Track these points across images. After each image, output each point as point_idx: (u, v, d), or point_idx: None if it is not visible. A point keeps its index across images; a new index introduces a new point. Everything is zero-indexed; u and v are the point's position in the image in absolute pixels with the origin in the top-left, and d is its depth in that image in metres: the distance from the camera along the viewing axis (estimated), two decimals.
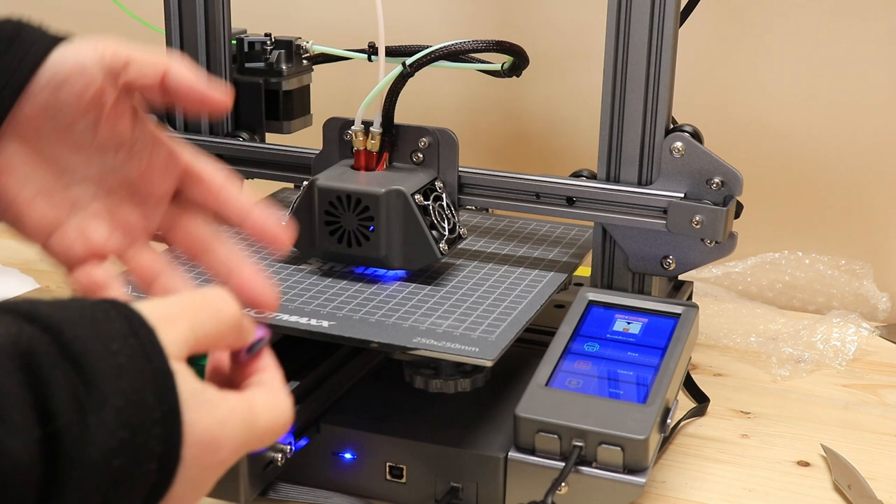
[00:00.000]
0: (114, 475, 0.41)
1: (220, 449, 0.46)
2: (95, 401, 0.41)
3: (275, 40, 0.95)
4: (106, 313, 0.44)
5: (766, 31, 1.08)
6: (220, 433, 0.46)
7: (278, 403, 0.50)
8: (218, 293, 0.50)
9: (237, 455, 0.47)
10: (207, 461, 0.45)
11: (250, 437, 0.48)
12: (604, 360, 0.74)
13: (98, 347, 0.42)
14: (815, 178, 1.10)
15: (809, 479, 0.78)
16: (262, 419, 0.48)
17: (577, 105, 1.15)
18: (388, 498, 0.73)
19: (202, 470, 0.45)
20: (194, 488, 0.45)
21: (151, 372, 0.44)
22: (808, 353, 0.97)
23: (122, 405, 0.42)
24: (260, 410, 0.49)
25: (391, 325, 0.72)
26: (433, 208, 0.80)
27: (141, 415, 0.42)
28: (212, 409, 0.46)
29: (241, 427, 0.47)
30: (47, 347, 0.41)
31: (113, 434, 0.41)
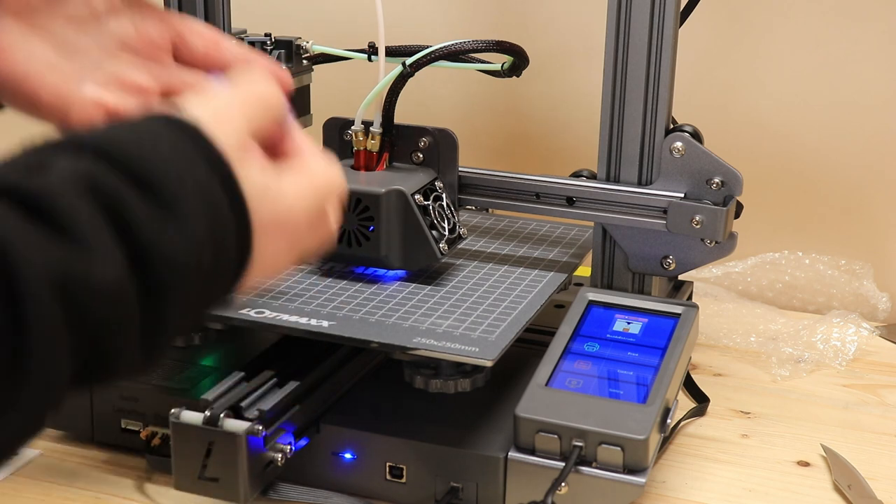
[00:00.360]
0: (204, 271, 0.43)
1: (290, 229, 0.49)
2: (170, 211, 0.42)
3: (275, 40, 0.94)
4: (152, 124, 0.45)
5: (766, 31, 1.08)
6: (289, 215, 0.48)
7: (329, 163, 0.53)
8: (266, 85, 0.51)
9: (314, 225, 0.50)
10: (282, 237, 0.48)
11: (317, 202, 0.50)
12: (604, 360, 0.74)
13: (156, 159, 0.43)
14: (815, 178, 1.10)
15: (809, 479, 0.78)
16: (323, 182, 0.51)
17: (577, 105, 1.15)
18: (388, 498, 0.73)
19: (278, 246, 0.48)
20: (276, 262, 0.49)
21: (213, 169, 0.45)
22: (808, 353, 0.97)
23: (195, 207, 0.43)
24: (317, 173, 0.51)
25: (391, 325, 0.72)
26: (433, 208, 0.80)
27: (213, 207, 0.44)
28: (277, 193, 0.48)
29: (304, 198, 0.50)
30: (108, 170, 0.42)
31: (194, 235, 0.43)
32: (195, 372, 0.79)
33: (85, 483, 0.76)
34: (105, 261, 0.40)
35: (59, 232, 0.39)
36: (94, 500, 0.74)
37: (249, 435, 0.66)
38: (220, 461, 0.66)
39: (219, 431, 0.66)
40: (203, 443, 0.66)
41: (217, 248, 0.44)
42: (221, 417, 0.66)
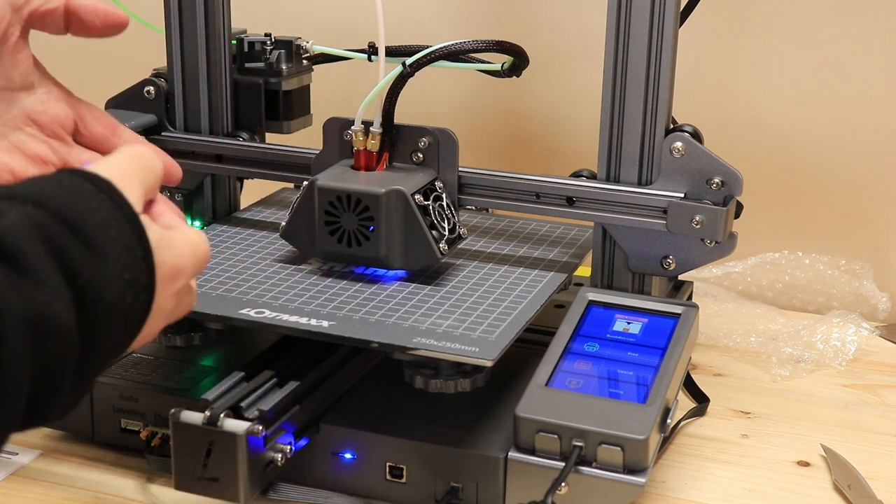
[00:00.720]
0: (126, 310, 0.49)
1: (180, 276, 0.54)
2: (99, 255, 0.47)
3: (275, 40, 0.94)
4: (71, 180, 0.49)
5: (766, 31, 1.08)
6: (180, 264, 0.53)
7: (201, 236, 0.57)
8: (148, 150, 0.56)
9: (191, 278, 0.55)
10: (172, 288, 0.53)
11: (195, 263, 0.55)
12: (604, 360, 0.74)
13: (83, 210, 0.48)
14: (815, 178, 1.10)
15: (809, 479, 0.78)
16: (198, 248, 0.56)
17: (577, 105, 1.15)
18: (388, 498, 0.73)
19: (169, 296, 0.53)
20: (164, 314, 0.54)
21: (127, 220, 0.50)
22: (808, 353, 0.97)
23: (118, 252, 0.48)
24: (195, 240, 0.56)
25: (391, 325, 0.72)
26: (433, 208, 0.80)
27: (131, 255, 0.49)
28: (171, 247, 0.53)
29: (190, 257, 0.55)
30: (49, 218, 0.46)
31: (120, 276, 0.48)
32: (195, 372, 0.79)
33: (85, 483, 0.76)
34: (59, 298, 0.45)
35: (23, 272, 0.44)
36: (94, 500, 0.74)
37: (249, 435, 0.66)
38: (220, 461, 0.66)
39: (219, 431, 0.66)
40: (203, 443, 0.66)
41: (135, 288, 0.49)
42: (221, 417, 0.66)
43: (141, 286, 0.50)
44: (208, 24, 0.91)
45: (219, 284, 0.79)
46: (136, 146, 0.57)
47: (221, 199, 0.96)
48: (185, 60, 0.92)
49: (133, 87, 0.93)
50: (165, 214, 0.57)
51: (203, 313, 0.74)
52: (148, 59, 0.96)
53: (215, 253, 0.85)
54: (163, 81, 0.93)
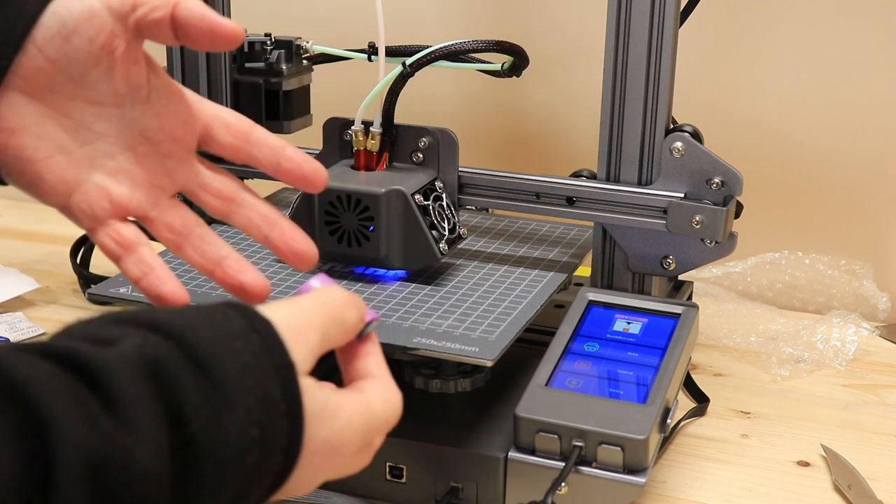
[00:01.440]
0: (247, 471, 0.43)
1: (336, 454, 0.48)
2: (225, 401, 0.42)
3: (275, 40, 0.94)
4: (225, 314, 0.44)
5: (766, 31, 1.08)
6: (339, 442, 0.48)
7: (391, 396, 0.52)
8: (346, 298, 0.51)
9: (358, 454, 0.50)
10: (322, 465, 0.47)
11: (367, 435, 0.50)
12: (604, 360, 0.74)
13: (221, 349, 0.43)
14: (815, 178, 1.10)
15: (809, 479, 0.78)
16: (378, 417, 0.51)
17: (577, 105, 1.15)
18: (388, 498, 0.73)
19: (315, 471, 0.47)
20: (307, 484, 0.47)
21: (275, 366, 0.44)
22: (808, 353, 0.97)
23: (251, 403, 0.42)
24: (375, 406, 0.51)
25: (391, 325, 0.72)
26: (433, 208, 0.80)
27: (269, 410, 0.43)
28: (332, 421, 0.47)
29: (356, 432, 0.49)
30: (173, 353, 0.42)
31: (245, 433, 0.42)
32: None
33: None
34: (149, 445, 0.39)
35: (109, 410, 0.39)
36: None
37: None
38: None
39: None
40: None
41: (263, 449, 0.43)
42: None
43: (274, 447, 0.43)
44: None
45: None
46: (330, 290, 0.51)
47: None
48: (185, 60, 0.92)
49: None
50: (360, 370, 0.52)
51: None
52: None
53: None
54: None
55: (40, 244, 1.20)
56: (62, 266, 1.10)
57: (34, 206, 0.66)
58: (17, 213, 1.29)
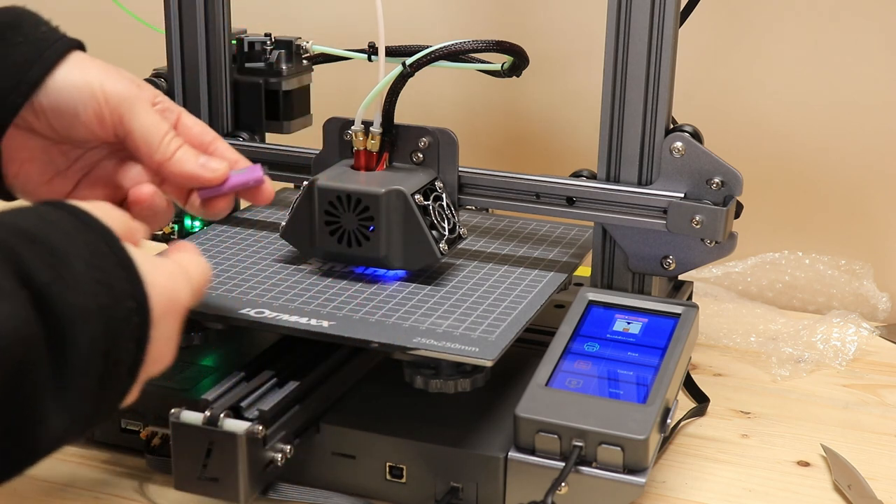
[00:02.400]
0: (104, 317, 0.47)
1: (179, 298, 0.53)
2: (61, 258, 0.47)
3: (275, 40, 0.95)
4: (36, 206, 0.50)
5: (766, 30, 1.08)
6: (175, 286, 0.53)
7: (199, 260, 0.58)
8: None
9: (188, 305, 0.55)
10: (173, 312, 0.52)
11: (192, 288, 0.55)
12: (604, 360, 0.74)
13: (41, 222, 0.48)
14: (816, 178, 1.10)
15: (809, 479, 0.78)
16: (194, 272, 0.56)
17: (577, 105, 1.15)
18: (388, 498, 0.73)
19: (171, 322, 0.52)
20: (168, 342, 0.52)
21: (95, 231, 0.50)
22: (808, 353, 0.97)
23: (85, 256, 0.48)
24: (189, 266, 0.56)
25: (391, 325, 0.72)
26: (433, 208, 0.80)
27: (102, 261, 0.48)
28: (163, 267, 0.53)
29: (184, 280, 0.54)
30: (7, 234, 0.47)
31: (90, 277, 0.47)
32: (195, 372, 0.79)
33: (85, 483, 0.76)
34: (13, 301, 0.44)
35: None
36: (94, 500, 0.74)
37: (249, 435, 0.66)
38: (220, 461, 0.66)
39: (219, 431, 0.66)
40: (203, 443, 0.66)
41: (111, 292, 0.48)
42: (221, 417, 0.66)
43: (121, 292, 0.48)
44: (208, 24, 0.91)
45: (219, 284, 0.79)
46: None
47: None
48: (185, 60, 0.92)
49: None
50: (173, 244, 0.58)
51: (203, 313, 0.74)
52: (148, 59, 0.96)
53: (215, 253, 0.85)
54: (163, 81, 0.93)
55: None
56: None
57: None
58: None
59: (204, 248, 0.86)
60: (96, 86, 0.64)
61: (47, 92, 0.63)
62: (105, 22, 1.07)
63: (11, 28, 0.63)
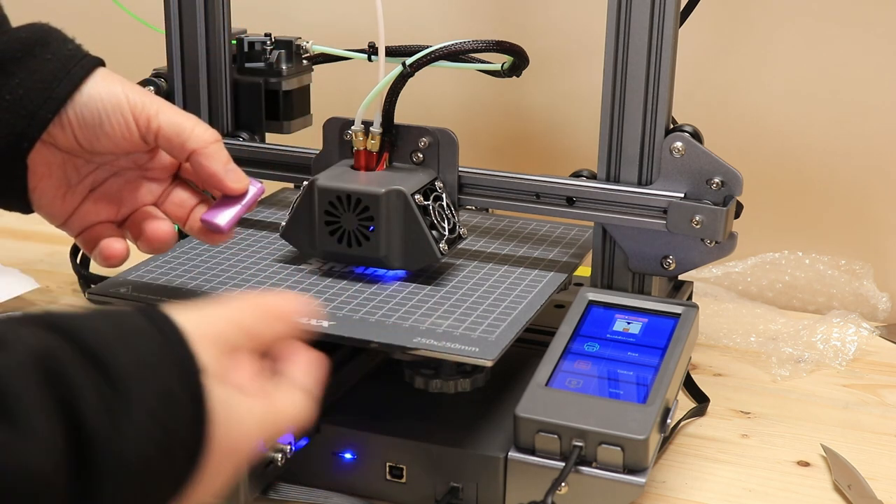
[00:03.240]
0: (151, 472, 0.41)
1: (242, 449, 0.46)
2: (123, 398, 0.40)
3: (275, 40, 0.95)
4: (125, 314, 0.44)
5: (767, 30, 1.08)
6: (245, 440, 0.46)
7: (296, 400, 0.51)
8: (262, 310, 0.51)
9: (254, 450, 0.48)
10: (229, 461, 0.45)
11: (268, 433, 0.49)
12: (604, 360, 0.74)
13: (118, 343, 0.41)
14: (816, 178, 1.10)
15: (809, 479, 0.78)
16: (281, 418, 0.50)
17: (577, 105, 1.15)
18: (388, 498, 0.73)
19: (221, 469, 0.45)
20: (209, 486, 0.45)
21: (177, 363, 0.43)
22: (808, 353, 0.97)
23: (151, 401, 0.41)
24: (281, 409, 0.50)
25: (391, 325, 0.72)
26: (433, 208, 0.80)
27: (171, 408, 0.41)
28: (238, 416, 0.46)
29: (258, 427, 0.47)
30: (66, 348, 0.40)
31: (147, 432, 0.40)
32: None
33: None
34: (44, 448, 0.37)
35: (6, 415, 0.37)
36: None
37: None
38: None
39: None
40: None
41: (167, 453, 0.41)
42: None
43: (178, 447, 0.42)
44: (208, 24, 0.91)
45: (219, 284, 0.79)
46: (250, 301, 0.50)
47: None
48: (185, 60, 0.92)
49: None
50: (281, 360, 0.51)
51: None
52: (148, 59, 0.96)
53: (215, 253, 0.85)
54: (163, 81, 0.93)
55: (40, 244, 1.20)
56: (62, 266, 1.10)
57: None
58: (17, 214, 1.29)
59: (204, 247, 0.86)
60: (122, 95, 0.67)
61: (74, 105, 0.66)
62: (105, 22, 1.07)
63: (40, 44, 0.66)
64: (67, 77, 0.65)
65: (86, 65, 0.67)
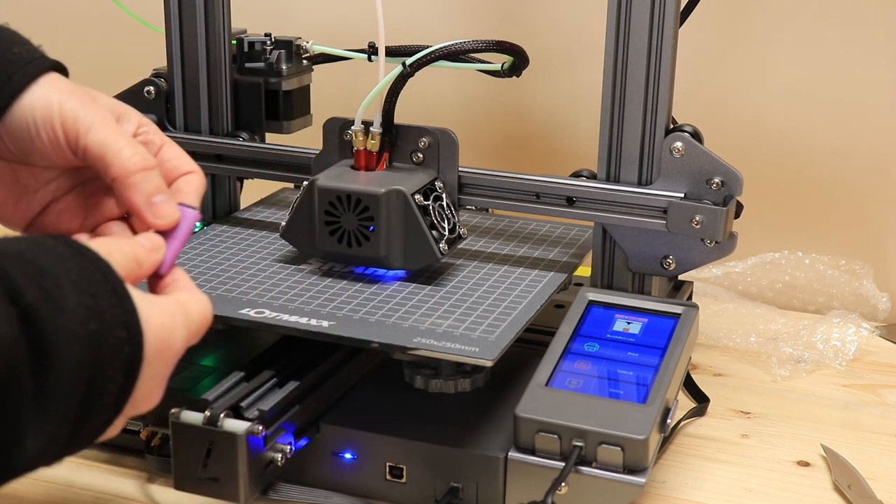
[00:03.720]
0: (91, 342, 0.46)
1: (174, 340, 0.51)
2: (52, 279, 0.46)
3: (275, 40, 0.94)
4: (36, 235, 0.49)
5: (767, 30, 1.08)
6: (172, 326, 0.51)
7: (201, 299, 0.56)
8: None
9: (184, 348, 0.53)
10: (167, 353, 0.51)
11: (189, 330, 0.53)
12: (604, 360, 0.74)
13: (34, 245, 0.47)
14: (816, 178, 1.10)
15: (809, 479, 0.78)
16: (193, 313, 0.54)
17: (577, 105, 1.15)
18: (388, 498, 0.73)
19: (163, 363, 0.50)
20: (158, 383, 0.51)
21: (89, 259, 0.48)
22: (808, 353, 0.97)
23: (76, 279, 0.47)
24: (189, 306, 0.54)
25: (391, 325, 0.72)
26: (433, 208, 0.80)
27: (95, 287, 0.47)
28: (160, 305, 0.51)
29: (182, 321, 0.52)
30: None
31: (79, 302, 0.46)
32: (195, 372, 0.79)
33: (85, 483, 0.76)
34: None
35: None
36: (94, 500, 0.74)
37: (249, 435, 0.66)
38: (220, 461, 0.66)
39: (219, 431, 0.66)
40: (203, 443, 0.66)
41: (101, 319, 0.46)
42: (221, 417, 0.66)
43: (112, 319, 0.47)
44: (208, 24, 0.91)
45: (219, 284, 0.79)
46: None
47: (221, 199, 0.96)
48: (185, 60, 0.92)
49: (133, 87, 0.93)
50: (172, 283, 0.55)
51: None
52: (148, 59, 0.96)
53: (215, 253, 0.85)
54: (163, 81, 0.93)
55: None
56: None
57: None
58: None
59: (204, 247, 0.86)
60: (55, 105, 0.59)
61: (9, 115, 0.59)
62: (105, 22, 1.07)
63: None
64: (9, 84, 0.59)
65: (31, 70, 0.59)
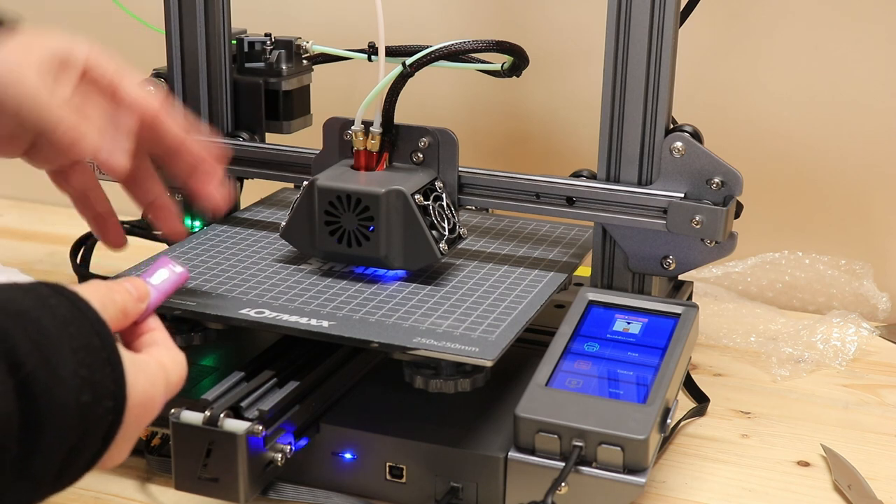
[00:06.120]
0: (81, 413, 0.46)
1: (153, 406, 0.53)
2: (51, 345, 0.46)
3: (275, 40, 0.94)
4: (31, 285, 0.49)
5: (766, 31, 1.08)
6: (154, 392, 0.52)
7: (178, 358, 0.57)
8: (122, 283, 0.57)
9: (160, 410, 0.54)
10: (144, 418, 0.52)
11: (167, 392, 0.55)
12: (604, 360, 0.74)
13: (38, 304, 0.47)
14: (816, 178, 1.10)
15: (809, 479, 0.78)
16: (172, 375, 0.56)
17: (577, 105, 1.15)
18: (388, 498, 0.73)
19: (138, 426, 0.52)
20: (129, 444, 0.52)
21: (89, 320, 0.49)
22: (808, 353, 0.97)
23: (76, 347, 0.47)
24: (170, 368, 0.56)
25: (391, 325, 0.72)
26: (433, 208, 0.80)
27: (92, 356, 0.48)
28: (145, 371, 0.52)
29: (163, 385, 0.54)
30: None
31: (76, 373, 0.46)
32: (195, 372, 0.79)
33: (85, 483, 0.76)
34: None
35: None
36: (94, 500, 0.74)
37: (249, 435, 0.66)
38: (220, 461, 0.66)
39: (219, 431, 0.66)
40: (203, 443, 0.66)
41: (94, 389, 0.47)
42: (221, 417, 0.66)
43: (103, 390, 0.48)
44: (208, 24, 0.91)
45: (219, 284, 0.79)
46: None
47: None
48: (185, 60, 0.92)
49: None
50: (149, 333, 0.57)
51: (203, 313, 0.74)
52: (148, 59, 0.96)
53: (215, 253, 0.85)
54: (163, 81, 0.93)
55: (40, 244, 1.20)
56: (62, 266, 1.10)
57: (34, 206, 0.70)
58: (17, 213, 1.29)
59: (204, 247, 0.86)
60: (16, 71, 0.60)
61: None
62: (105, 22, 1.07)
63: None
64: None
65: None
